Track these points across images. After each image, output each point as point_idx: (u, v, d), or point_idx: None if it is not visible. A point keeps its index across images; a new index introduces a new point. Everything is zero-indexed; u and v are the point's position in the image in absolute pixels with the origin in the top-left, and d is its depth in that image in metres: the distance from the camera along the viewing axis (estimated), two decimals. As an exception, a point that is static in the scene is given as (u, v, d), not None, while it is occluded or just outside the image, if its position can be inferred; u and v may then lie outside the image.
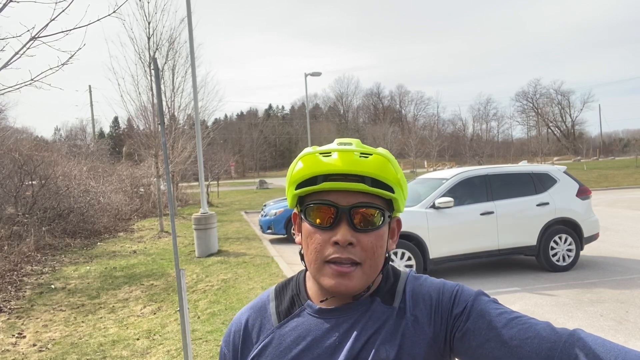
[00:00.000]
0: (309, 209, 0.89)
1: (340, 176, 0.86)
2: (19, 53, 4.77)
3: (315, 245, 0.87)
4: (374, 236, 0.87)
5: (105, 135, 66.28)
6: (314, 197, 0.89)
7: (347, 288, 0.86)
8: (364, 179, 0.86)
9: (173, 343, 5.01)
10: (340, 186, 0.85)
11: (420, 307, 0.88)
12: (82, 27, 4.74)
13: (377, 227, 0.88)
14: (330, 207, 0.86)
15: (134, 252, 10.89)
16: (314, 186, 0.87)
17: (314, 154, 0.89)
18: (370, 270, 0.88)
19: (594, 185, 24.82)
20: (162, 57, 15.55)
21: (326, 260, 0.86)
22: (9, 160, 12.66)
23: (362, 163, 0.86)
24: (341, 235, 0.85)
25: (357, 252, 0.86)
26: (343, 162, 0.85)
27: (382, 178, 0.87)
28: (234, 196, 30.12)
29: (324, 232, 0.87)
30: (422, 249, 7.08)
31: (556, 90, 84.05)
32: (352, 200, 0.86)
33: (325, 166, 0.86)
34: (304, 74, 25.75)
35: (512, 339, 0.77)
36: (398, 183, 0.89)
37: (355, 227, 0.86)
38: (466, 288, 0.89)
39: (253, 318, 0.98)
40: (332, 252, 0.86)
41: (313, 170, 0.87)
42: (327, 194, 0.87)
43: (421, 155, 48.68)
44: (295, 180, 0.90)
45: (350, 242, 0.85)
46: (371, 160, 0.87)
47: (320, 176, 0.87)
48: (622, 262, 7.95)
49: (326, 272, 0.86)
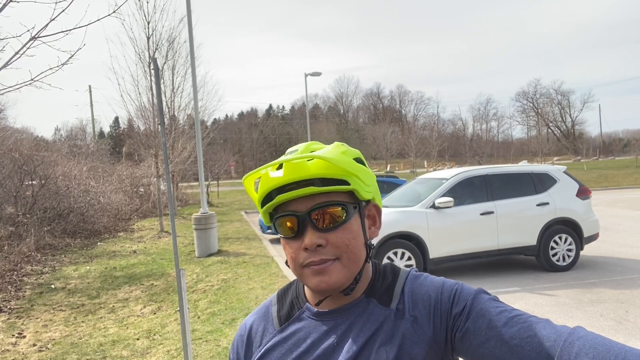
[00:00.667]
0: (276, 223, 0.91)
1: (292, 185, 0.88)
2: (19, 53, 4.77)
3: (290, 254, 0.90)
4: (342, 231, 0.88)
5: (105, 135, 66.25)
6: (279, 210, 0.91)
7: (328, 284, 0.87)
8: (313, 181, 0.87)
9: (173, 343, 5.01)
10: (291, 195, 0.87)
11: (420, 308, 0.88)
12: (82, 27, 4.75)
13: (344, 222, 0.89)
14: (291, 217, 0.89)
15: (134, 252, 10.89)
16: (271, 202, 0.90)
17: (266, 173, 0.91)
18: (350, 262, 0.89)
19: (594, 185, 24.83)
20: (161, 57, 15.56)
21: (303, 265, 0.88)
22: (9, 160, 12.66)
23: (306, 168, 0.87)
24: (308, 239, 0.87)
25: (329, 250, 0.87)
26: (287, 172, 0.87)
27: (330, 175, 0.88)
28: (234, 196, 30.12)
29: (294, 241, 0.89)
30: (422, 248, 7.08)
31: (556, 90, 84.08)
32: (310, 204, 0.88)
33: (274, 180, 0.88)
34: (304, 74, 25.77)
35: (512, 338, 0.77)
36: (350, 174, 0.89)
37: (319, 229, 0.87)
38: (466, 287, 0.89)
39: (257, 323, 1.01)
40: (305, 257, 0.88)
41: (267, 187, 0.89)
42: (288, 205, 0.90)
43: (421, 155, 48.68)
44: (258, 200, 0.93)
45: (319, 244, 0.87)
46: (313, 162, 0.88)
47: (274, 191, 0.89)
48: (622, 262, 7.95)
49: (306, 274, 0.89)
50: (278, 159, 0.91)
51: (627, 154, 63.94)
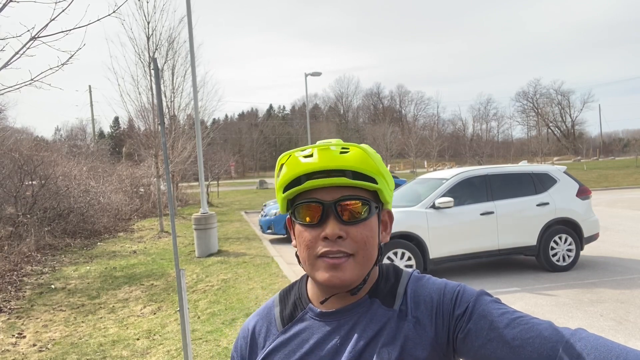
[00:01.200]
0: (297, 209, 0.91)
1: (322, 173, 0.88)
2: (19, 53, 4.77)
3: (306, 242, 0.89)
4: (363, 227, 0.89)
5: (105, 135, 66.24)
6: (301, 197, 0.91)
7: (341, 280, 0.86)
8: (345, 172, 0.88)
9: (173, 343, 5.01)
10: (322, 183, 0.88)
11: (422, 309, 0.88)
12: (82, 27, 4.75)
13: (365, 219, 0.89)
14: (316, 204, 0.88)
15: (134, 252, 10.89)
16: (298, 186, 0.89)
17: (295, 157, 0.91)
18: (364, 261, 0.89)
19: (594, 185, 24.82)
20: (161, 57, 15.55)
21: (318, 255, 0.88)
22: (9, 160, 12.65)
23: (342, 158, 0.88)
24: (330, 229, 0.86)
25: (348, 244, 0.87)
26: (322, 159, 0.88)
27: (363, 170, 0.89)
28: (234, 196, 30.12)
29: (313, 229, 0.89)
30: (422, 249, 7.07)
31: (556, 90, 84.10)
32: (336, 195, 0.88)
33: (306, 166, 0.88)
34: (304, 74, 25.78)
35: (514, 339, 0.77)
36: (380, 174, 0.91)
37: (343, 221, 0.87)
38: (468, 288, 0.89)
39: (260, 324, 1.00)
40: (322, 246, 0.87)
41: (296, 172, 0.89)
42: (312, 193, 0.90)
43: (421, 155, 48.67)
44: (282, 185, 0.92)
45: (340, 236, 0.87)
46: (350, 154, 0.89)
47: (303, 176, 0.89)
48: (622, 262, 7.95)
49: (319, 266, 0.88)
50: (306, 147, 0.92)
51: (627, 154, 63.94)
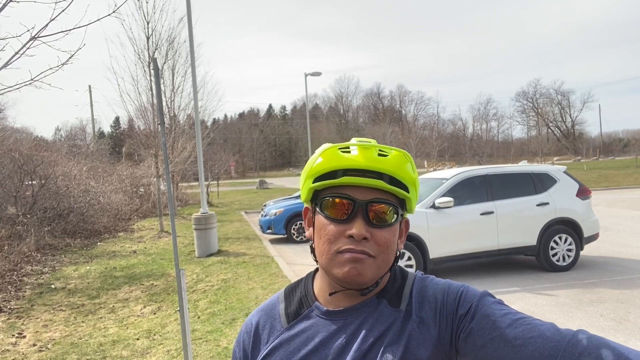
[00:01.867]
0: (325, 201, 0.90)
1: (359, 172, 0.88)
2: (19, 53, 4.77)
3: (328, 236, 0.88)
4: (387, 232, 0.89)
5: (105, 135, 66.24)
6: (331, 191, 0.90)
7: (359, 275, 0.86)
8: (383, 176, 0.88)
9: (173, 343, 5.01)
10: (359, 181, 0.87)
11: (426, 309, 0.88)
12: (81, 27, 4.74)
13: (391, 224, 0.89)
14: (348, 201, 0.88)
15: (134, 252, 10.89)
16: (333, 180, 0.89)
17: (335, 149, 0.90)
18: (383, 264, 0.89)
19: (594, 185, 24.81)
20: (161, 57, 15.54)
21: (339, 251, 0.87)
22: (9, 160, 12.65)
23: (382, 161, 0.88)
24: (357, 229, 0.86)
25: (371, 246, 0.87)
26: (363, 158, 0.87)
27: (400, 177, 0.89)
28: (234, 196, 30.12)
29: (338, 225, 0.88)
30: (422, 249, 7.07)
31: (556, 90, 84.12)
32: (368, 196, 0.88)
33: (345, 161, 0.88)
34: (304, 74, 25.76)
35: (515, 339, 0.77)
36: (414, 183, 0.91)
37: (370, 222, 0.87)
38: (471, 289, 0.89)
39: (264, 320, 0.99)
40: (345, 244, 0.87)
41: (333, 165, 0.89)
42: (344, 189, 0.89)
43: (421, 155, 48.70)
44: (314, 174, 0.91)
45: (365, 237, 0.86)
46: (390, 158, 0.89)
47: (340, 170, 0.88)
48: (622, 262, 7.94)
49: (339, 260, 0.87)
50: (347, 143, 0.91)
51: (627, 154, 63.98)
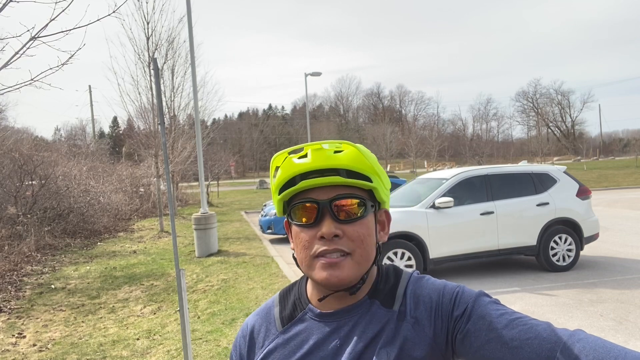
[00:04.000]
0: (293, 210, 0.91)
1: (316, 173, 0.88)
2: (19, 53, 4.77)
3: (303, 243, 0.89)
4: (359, 225, 0.89)
5: (105, 135, 66.24)
6: (296, 198, 0.91)
7: (339, 279, 0.86)
8: (339, 171, 0.88)
9: (173, 343, 5.01)
10: (317, 182, 0.88)
11: (421, 309, 0.88)
12: (82, 27, 4.75)
13: (361, 217, 0.89)
14: (312, 204, 0.89)
15: (134, 252, 10.89)
16: (293, 187, 0.90)
17: (289, 158, 0.91)
18: (361, 259, 0.89)
19: (594, 185, 24.81)
20: (161, 57, 15.54)
21: (315, 255, 0.88)
22: (9, 160, 12.65)
23: (335, 157, 0.89)
24: (326, 228, 0.86)
25: (345, 242, 0.87)
26: (316, 158, 0.88)
27: (357, 169, 0.89)
28: (234, 196, 30.12)
29: (309, 229, 0.89)
30: (422, 249, 7.07)
31: (556, 90, 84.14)
32: (331, 194, 0.89)
33: (300, 166, 0.89)
34: (304, 74, 25.76)
35: (512, 340, 0.77)
36: (375, 172, 0.91)
37: (339, 219, 0.88)
38: (467, 289, 0.89)
39: (259, 323, 1.00)
40: (319, 246, 0.87)
41: (290, 173, 0.90)
42: (307, 193, 0.90)
43: (421, 155, 48.69)
44: (277, 186, 0.93)
45: (336, 234, 0.87)
46: (344, 153, 0.89)
47: (298, 176, 0.90)
48: (622, 262, 7.94)
49: (316, 266, 0.88)
50: (299, 146, 0.92)
51: (627, 154, 64.00)
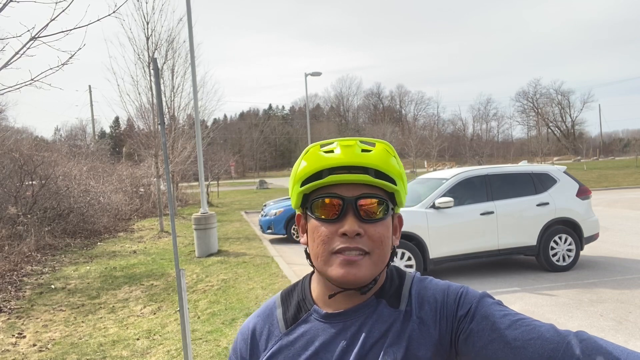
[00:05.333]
0: (314, 204, 0.89)
1: (344, 169, 0.87)
2: (19, 53, 4.77)
3: (322, 237, 0.88)
4: (381, 226, 0.88)
5: (106, 135, 66.24)
6: (319, 192, 0.90)
7: (356, 277, 0.85)
8: (368, 170, 0.87)
9: (173, 343, 5.01)
10: (344, 178, 0.87)
11: (426, 310, 0.88)
12: (82, 27, 4.74)
13: (383, 218, 0.89)
14: (337, 199, 0.87)
15: (134, 252, 10.89)
16: (319, 180, 0.88)
17: (317, 151, 0.90)
18: (379, 260, 0.88)
19: (594, 185, 24.81)
20: (161, 57, 15.54)
21: (334, 251, 0.86)
22: (9, 160, 12.65)
23: (365, 156, 0.88)
24: (349, 225, 0.85)
25: (365, 242, 0.86)
26: (346, 155, 0.87)
27: (385, 170, 0.88)
28: (234, 196, 30.11)
29: (330, 225, 0.87)
30: (422, 249, 7.07)
31: (556, 90, 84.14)
32: (356, 192, 0.87)
33: (329, 160, 0.88)
34: (304, 74, 25.76)
35: (515, 340, 0.77)
36: (400, 176, 0.91)
37: (361, 218, 0.87)
38: (471, 290, 0.89)
39: (261, 325, 0.98)
40: (339, 242, 0.86)
41: (317, 166, 0.88)
42: (331, 188, 0.89)
43: (421, 155, 48.66)
44: (300, 178, 0.91)
45: (358, 233, 0.86)
46: (374, 152, 0.89)
47: (325, 170, 0.88)
48: (622, 262, 7.94)
49: (334, 262, 0.86)
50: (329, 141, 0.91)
51: (627, 154, 64.01)
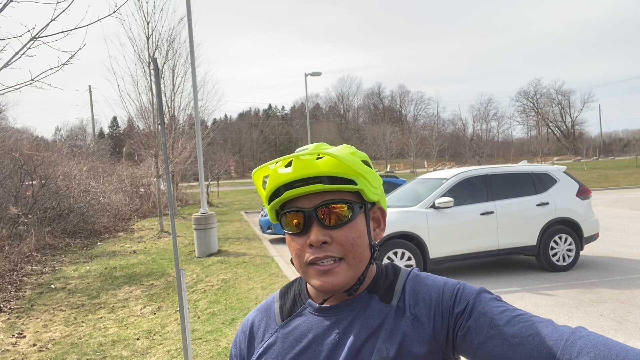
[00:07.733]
0: (282, 220, 0.93)
1: (300, 182, 0.89)
2: (19, 53, 4.77)
3: (295, 251, 0.91)
4: (348, 229, 0.89)
5: (105, 135, 66.25)
6: (285, 207, 0.92)
7: (333, 285, 0.87)
8: (321, 179, 0.89)
9: (173, 343, 5.01)
10: (299, 192, 0.89)
11: (420, 306, 0.88)
12: (82, 27, 4.74)
13: (349, 220, 0.90)
14: (298, 212, 0.90)
15: (134, 252, 10.89)
16: (278, 198, 0.91)
17: (275, 169, 0.92)
18: (355, 262, 0.89)
19: (594, 185, 24.81)
20: (161, 57, 15.54)
21: (307, 263, 0.89)
22: (9, 160, 12.66)
23: (316, 165, 0.89)
24: (313, 236, 0.88)
25: (334, 248, 0.88)
26: (296, 168, 0.89)
27: (339, 174, 0.89)
28: (234, 196, 30.12)
29: (299, 238, 0.90)
30: (422, 249, 7.07)
31: (556, 90, 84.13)
32: (316, 201, 0.89)
33: (283, 177, 0.90)
34: (304, 74, 25.75)
35: (514, 337, 0.77)
36: (358, 174, 0.91)
37: (325, 226, 0.88)
38: (468, 286, 0.89)
39: (259, 319, 1.02)
40: (309, 254, 0.89)
41: (275, 183, 0.91)
42: (294, 202, 0.91)
43: (421, 155, 48.68)
44: (266, 196, 0.94)
45: (324, 241, 0.88)
46: (323, 160, 0.90)
47: (282, 187, 0.91)
48: (622, 262, 7.94)
49: (311, 274, 0.89)
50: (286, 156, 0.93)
51: (627, 154, 64.04)
